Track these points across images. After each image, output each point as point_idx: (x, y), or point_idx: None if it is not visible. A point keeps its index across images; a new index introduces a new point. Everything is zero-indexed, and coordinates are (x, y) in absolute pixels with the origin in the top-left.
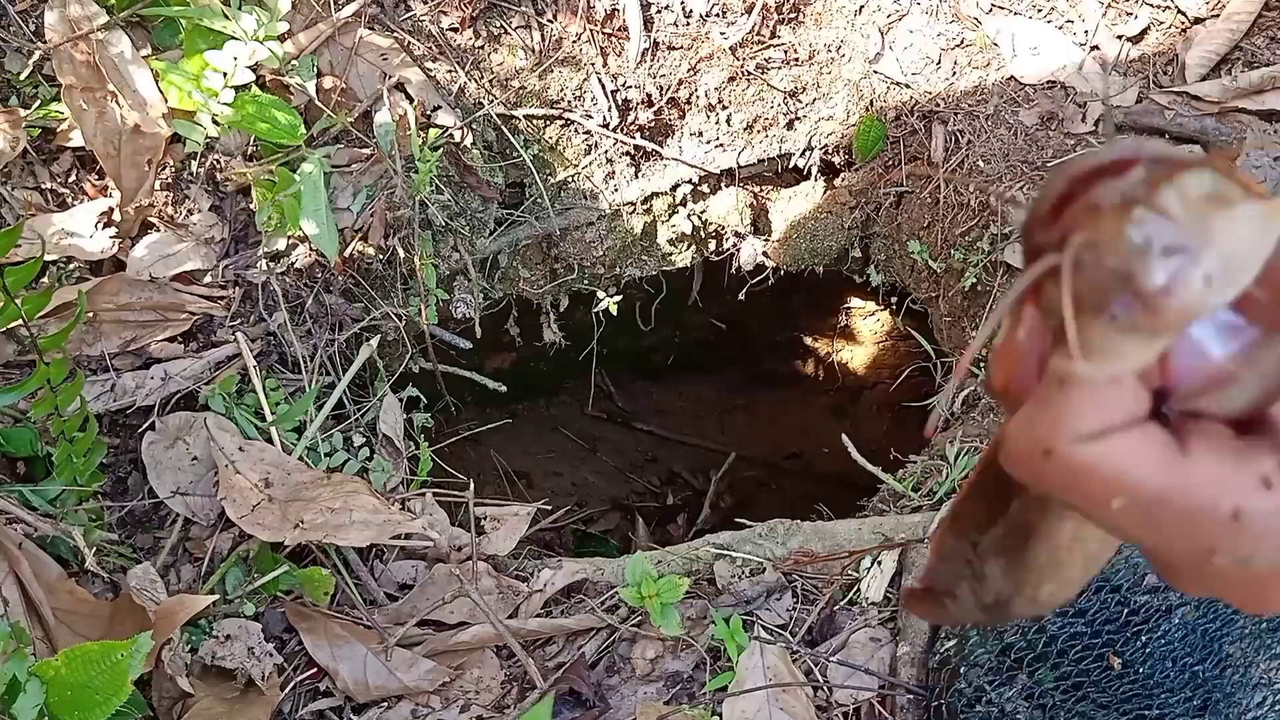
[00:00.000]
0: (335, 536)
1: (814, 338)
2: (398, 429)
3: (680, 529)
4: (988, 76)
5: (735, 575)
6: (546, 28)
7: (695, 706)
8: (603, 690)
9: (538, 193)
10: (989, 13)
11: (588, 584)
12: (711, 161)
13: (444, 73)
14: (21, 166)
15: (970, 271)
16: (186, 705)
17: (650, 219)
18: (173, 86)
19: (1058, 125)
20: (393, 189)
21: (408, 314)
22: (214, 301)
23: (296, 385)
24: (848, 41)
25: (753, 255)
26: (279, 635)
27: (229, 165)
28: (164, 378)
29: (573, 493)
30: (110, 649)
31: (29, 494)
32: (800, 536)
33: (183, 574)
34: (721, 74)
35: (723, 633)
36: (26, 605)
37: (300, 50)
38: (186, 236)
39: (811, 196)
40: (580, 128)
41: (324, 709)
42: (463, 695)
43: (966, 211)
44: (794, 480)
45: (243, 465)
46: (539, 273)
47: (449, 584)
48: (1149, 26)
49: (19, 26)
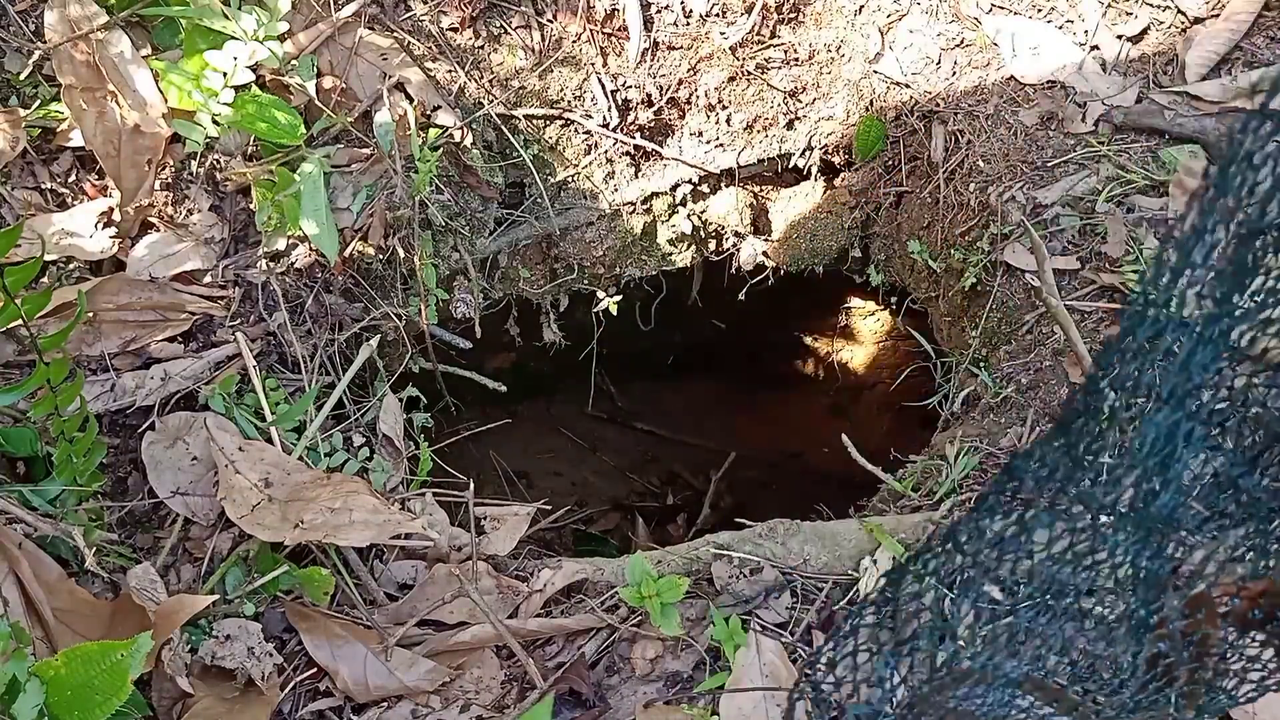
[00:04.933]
0: (335, 536)
1: (814, 338)
2: (398, 429)
3: (680, 529)
4: (988, 76)
5: (734, 575)
6: (546, 28)
7: (694, 706)
8: (603, 690)
9: (538, 193)
10: (989, 13)
11: (588, 584)
12: (711, 161)
13: (444, 73)
14: (21, 166)
15: (970, 271)
16: (186, 705)
17: (650, 219)
18: (173, 86)
19: (1058, 125)
20: (393, 189)
21: (408, 314)
22: (214, 301)
23: (296, 385)
24: (848, 41)
25: (753, 255)
26: (279, 635)
27: (229, 165)
28: (164, 378)
29: (573, 493)
30: (110, 649)
31: (29, 494)
32: (800, 536)
33: (183, 574)
34: (721, 74)
35: (721, 633)
36: (26, 605)
37: (300, 50)
38: (186, 236)
39: (811, 196)
40: (580, 128)
41: (324, 709)
42: (463, 695)
43: (966, 211)
44: (794, 480)
45: (243, 465)
46: (539, 273)
47: (449, 584)
48: (1149, 26)
49: (19, 26)
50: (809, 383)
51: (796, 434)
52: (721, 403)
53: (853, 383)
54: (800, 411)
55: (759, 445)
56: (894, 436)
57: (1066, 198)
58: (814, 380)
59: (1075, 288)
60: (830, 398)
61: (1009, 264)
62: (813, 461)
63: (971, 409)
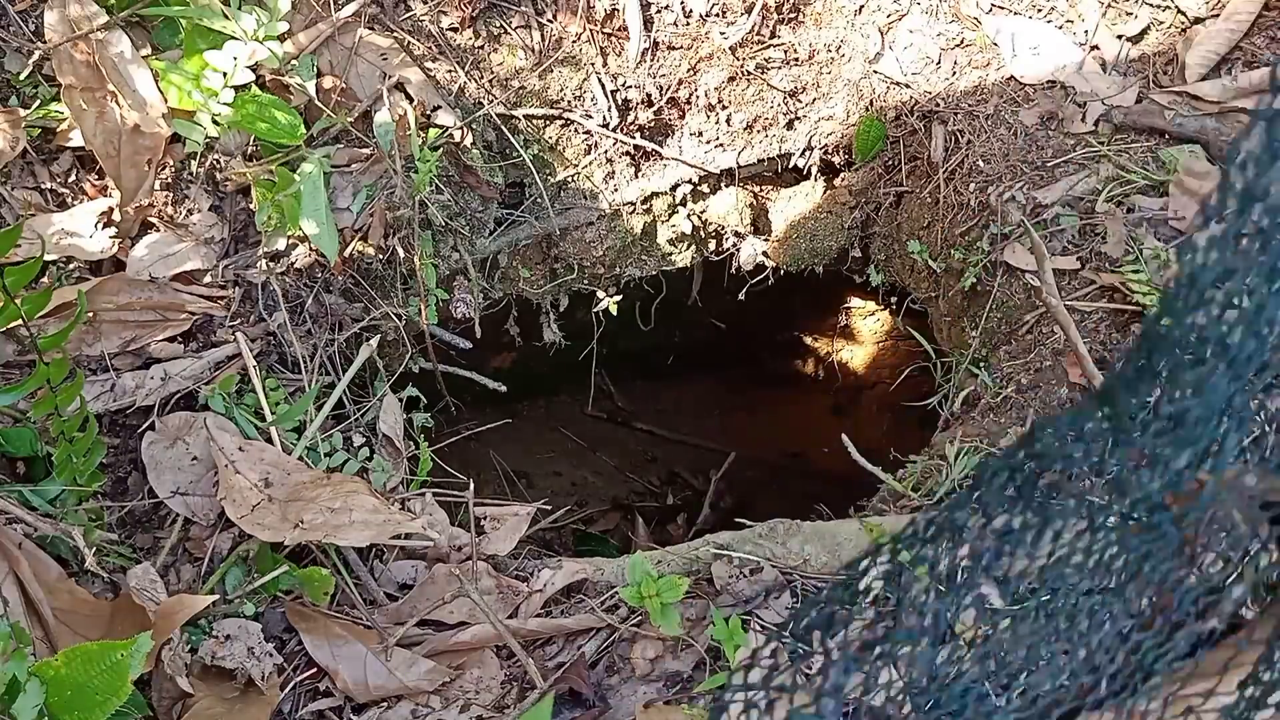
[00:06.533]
0: (335, 536)
1: (814, 338)
2: (397, 429)
3: (680, 529)
4: (988, 76)
5: (734, 575)
6: (546, 28)
7: (694, 706)
8: (603, 690)
9: (538, 193)
10: (989, 13)
11: (588, 584)
12: (711, 161)
13: (444, 73)
14: (21, 166)
15: (970, 271)
16: (186, 705)
17: (650, 219)
18: (173, 86)
19: (1058, 125)
20: (393, 189)
21: (408, 314)
22: (214, 301)
23: (296, 385)
24: (848, 41)
25: (753, 255)
26: (279, 635)
27: (229, 165)
28: (164, 378)
29: (573, 493)
30: (110, 649)
31: (29, 494)
32: (800, 536)
33: (183, 574)
34: (721, 74)
35: (721, 633)
36: (26, 605)
37: (300, 50)
38: (186, 236)
39: (811, 196)
40: (580, 128)
41: (324, 709)
42: (463, 695)
43: (966, 211)
44: (794, 480)
45: (243, 465)
46: (539, 273)
47: (449, 584)
48: (1149, 26)
49: (19, 26)
50: (809, 383)
51: (796, 434)
52: (721, 403)
53: (853, 383)
54: (800, 411)
55: (759, 445)
56: (894, 436)
57: (1066, 198)
58: (814, 380)
59: (1075, 288)
60: (830, 398)
61: (1009, 264)
62: (813, 461)
63: (971, 409)
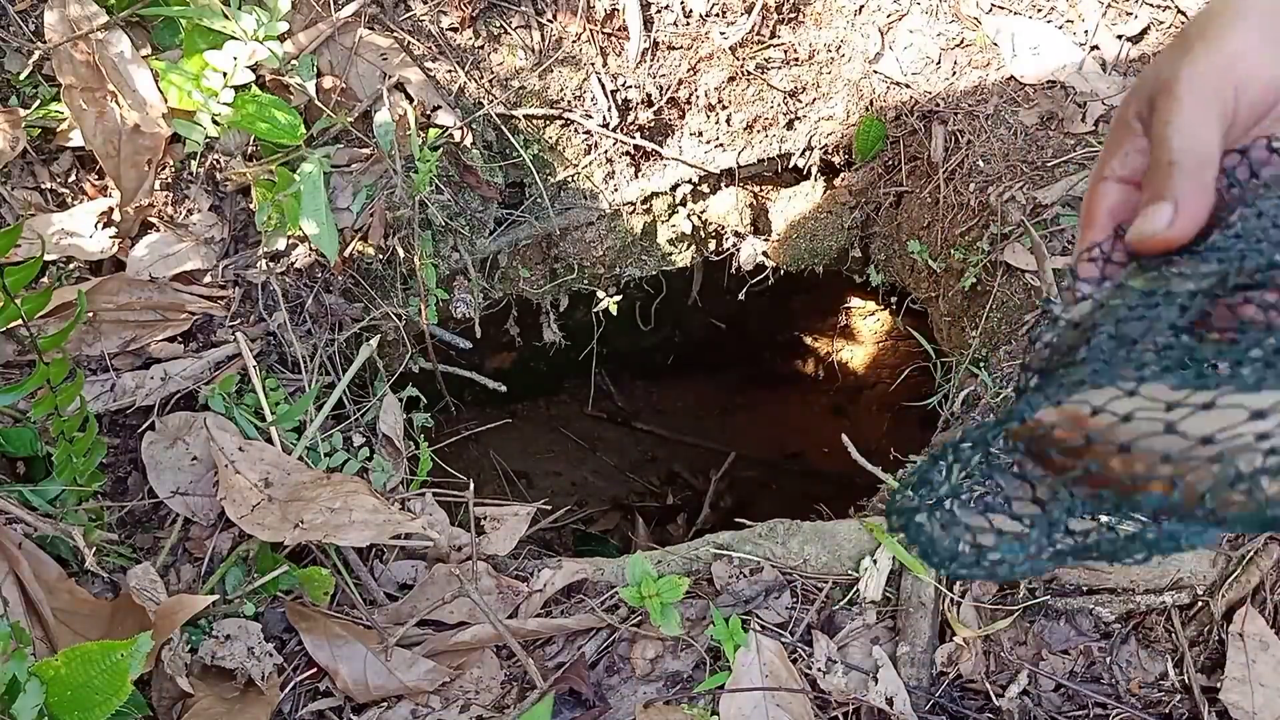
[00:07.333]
0: (335, 536)
1: (814, 338)
2: (397, 429)
3: (680, 529)
4: (988, 76)
5: (734, 575)
6: (546, 27)
7: (694, 706)
8: (603, 690)
9: (538, 193)
10: (989, 13)
11: (588, 584)
12: (711, 161)
13: (444, 73)
14: (21, 166)
15: (970, 271)
16: (186, 705)
17: (650, 219)
18: (173, 86)
19: (1058, 125)
20: (393, 189)
21: (408, 314)
22: (214, 301)
23: (296, 385)
24: (848, 41)
25: (752, 255)
26: (279, 635)
27: (229, 165)
28: (164, 378)
29: (573, 493)
30: (110, 649)
31: (29, 494)
32: (800, 536)
33: (183, 574)
34: (721, 74)
35: (721, 633)
36: (26, 605)
37: (300, 50)
38: (186, 236)
39: (811, 196)
40: (580, 128)
41: (324, 709)
42: (463, 695)
43: (966, 211)
44: (794, 480)
45: (243, 465)
46: (539, 273)
47: (449, 584)
48: (1149, 26)
49: (19, 26)
50: (809, 383)
51: (796, 434)
52: (721, 403)
53: (853, 383)
54: (800, 411)
55: (759, 445)
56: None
57: (1066, 198)
58: (814, 380)
59: None
60: (830, 398)
61: (1009, 264)
62: (813, 461)
63: (971, 409)
